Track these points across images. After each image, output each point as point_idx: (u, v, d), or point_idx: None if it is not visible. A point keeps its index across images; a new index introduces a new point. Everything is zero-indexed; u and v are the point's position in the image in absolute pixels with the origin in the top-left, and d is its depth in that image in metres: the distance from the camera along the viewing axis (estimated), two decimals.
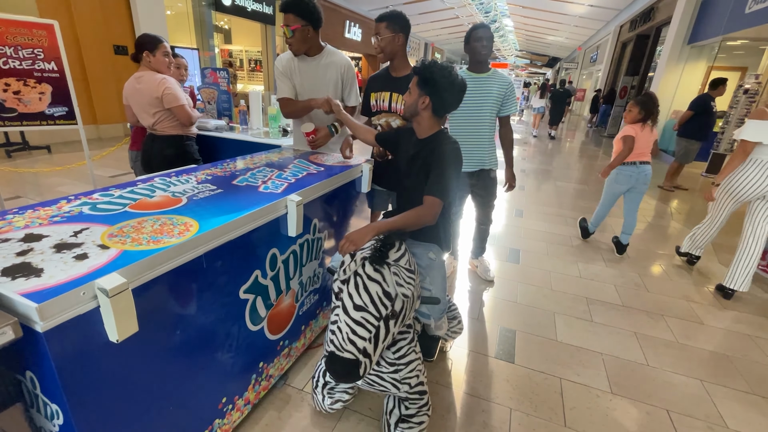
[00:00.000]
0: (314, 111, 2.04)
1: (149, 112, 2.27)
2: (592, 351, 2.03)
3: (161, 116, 2.28)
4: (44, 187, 4.10)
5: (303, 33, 1.86)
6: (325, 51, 2.01)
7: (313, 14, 1.85)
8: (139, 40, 2.23)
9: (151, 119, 2.29)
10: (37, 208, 1.15)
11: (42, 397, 0.85)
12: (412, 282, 1.26)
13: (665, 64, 7.86)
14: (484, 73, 2.28)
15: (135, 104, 2.31)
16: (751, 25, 5.66)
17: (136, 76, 2.26)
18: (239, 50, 13.16)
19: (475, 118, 2.32)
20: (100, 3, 6.25)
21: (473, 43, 2.22)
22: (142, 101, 2.25)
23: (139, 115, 2.33)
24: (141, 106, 2.28)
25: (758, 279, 2.96)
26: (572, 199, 4.84)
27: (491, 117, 2.33)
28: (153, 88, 2.19)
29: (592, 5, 11.84)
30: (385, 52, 1.93)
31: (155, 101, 2.22)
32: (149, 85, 2.20)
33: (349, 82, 2.08)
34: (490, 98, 2.28)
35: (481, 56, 2.23)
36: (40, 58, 2.99)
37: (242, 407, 1.42)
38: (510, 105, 2.32)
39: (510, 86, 2.30)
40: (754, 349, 2.13)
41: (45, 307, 0.72)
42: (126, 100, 2.35)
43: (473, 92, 2.24)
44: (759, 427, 1.63)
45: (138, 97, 2.26)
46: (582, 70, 19.62)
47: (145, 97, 2.23)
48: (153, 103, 2.23)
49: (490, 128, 2.37)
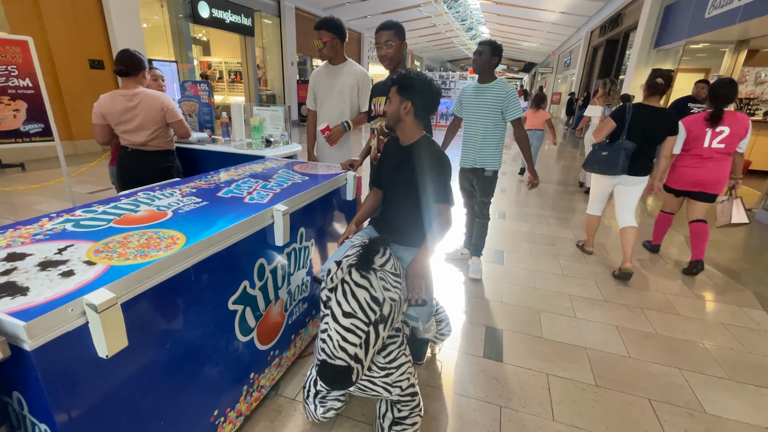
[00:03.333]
0: (329, 112, 2.40)
1: (148, 128, 2.23)
2: (576, 346, 2.10)
3: (158, 132, 2.27)
4: (20, 206, 3.97)
5: (332, 44, 2.31)
6: (347, 62, 2.41)
7: (339, 29, 2.30)
8: (137, 58, 2.18)
9: (146, 136, 2.24)
10: (18, 227, 1.14)
11: (30, 418, 0.84)
12: (398, 286, 1.29)
13: (634, 67, 8.20)
14: (486, 83, 2.55)
15: (126, 122, 2.20)
16: (711, 29, 5.98)
17: (127, 94, 2.17)
18: (218, 62, 13.10)
19: (475, 121, 2.61)
20: (74, 17, 6.15)
21: (473, 57, 2.57)
22: (141, 118, 2.19)
23: (134, 132, 2.23)
24: (138, 124, 2.21)
25: (724, 269, 3.10)
26: (552, 200, 4.97)
27: (491, 122, 2.56)
28: (156, 104, 2.20)
29: (563, 12, 12.28)
30: (393, 59, 2.03)
31: (158, 118, 2.22)
32: (152, 102, 2.19)
33: (364, 89, 2.38)
34: (488, 105, 2.53)
35: (476, 68, 2.56)
36: (14, 74, 2.93)
37: (234, 419, 1.41)
38: (512, 110, 2.51)
39: (508, 94, 2.49)
40: (728, 337, 2.23)
41: (33, 325, 0.72)
42: (102, 119, 2.19)
43: (475, 99, 2.59)
44: (735, 411, 1.70)
45: (134, 115, 2.19)
46: (557, 74, 20.21)
47: (149, 114, 2.20)
48: (155, 120, 2.22)
49: (491, 132, 2.58)
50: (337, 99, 2.38)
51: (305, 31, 12.67)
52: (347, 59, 2.43)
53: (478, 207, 2.81)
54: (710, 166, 2.80)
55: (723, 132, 2.72)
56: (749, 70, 8.05)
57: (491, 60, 2.50)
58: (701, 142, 2.78)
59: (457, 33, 19.75)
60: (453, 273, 2.88)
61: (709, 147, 2.76)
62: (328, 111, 2.40)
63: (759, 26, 5.35)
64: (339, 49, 2.35)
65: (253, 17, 10.61)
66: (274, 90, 12.52)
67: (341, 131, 2.36)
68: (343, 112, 2.42)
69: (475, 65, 2.57)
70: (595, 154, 2.88)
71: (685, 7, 6.79)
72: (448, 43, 22.61)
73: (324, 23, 2.28)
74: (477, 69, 2.57)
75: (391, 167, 1.57)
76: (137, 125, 2.22)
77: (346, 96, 2.36)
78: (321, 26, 2.28)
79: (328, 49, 2.32)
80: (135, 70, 2.18)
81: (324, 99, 2.44)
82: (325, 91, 2.43)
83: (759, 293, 2.74)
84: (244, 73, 11.52)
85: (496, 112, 2.53)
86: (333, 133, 2.35)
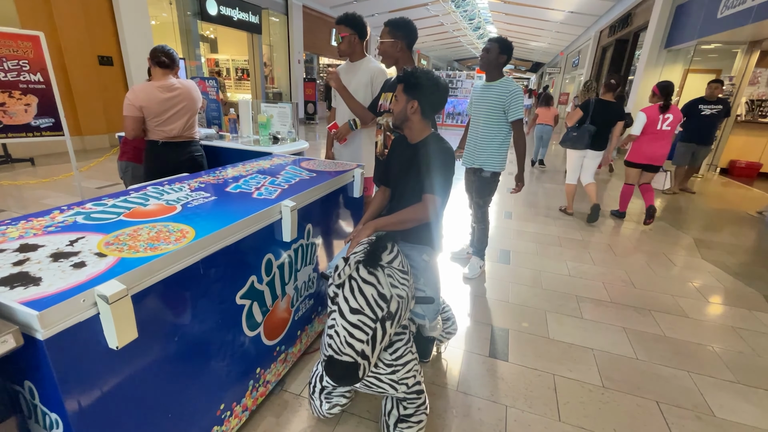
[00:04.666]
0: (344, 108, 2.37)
1: (185, 117, 2.37)
2: (583, 347, 2.08)
3: (192, 121, 2.42)
4: (29, 200, 4.02)
5: (350, 40, 2.27)
6: (365, 59, 2.37)
7: (358, 25, 2.26)
8: (175, 53, 2.34)
9: (182, 125, 2.37)
10: (30, 219, 1.15)
11: (41, 407, 0.85)
12: (406, 283, 1.28)
13: (644, 67, 8.10)
14: (491, 82, 2.51)
15: (165, 112, 2.28)
16: (723, 29, 5.90)
17: (165, 86, 2.26)
18: (226, 59, 13.14)
19: (477, 120, 2.58)
20: (83, 13, 6.20)
21: (480, 54, 2.57)
22: (184, 106, 2.34)
23: (171, 122, 2.32)
24: (178, 111, 2.33)
25: (734, 272, 3.06)
26: (559, 201, 4.94)
27: (493, 121, 2.51)
28: (196, 91, 2.36)
29: (572, 11, 12.17)
30: (385, 55, 2.06)
31: (197, 106, 2.39)
32: (193, 92, 2.37)
33: (378, 85, 2.32)
34: (490, 104, 2.49)
35: (483, 65, 2.53)
36: (25, 69, 2.96)
37: (240, 414, 1.42)
38: (514, 111, 2.44)
39: (510, 94, 2.42)
40: (738, 340, 2.20)
41: (46, 314, 0.73)
42: (139, 111, 2.21)
43: (481, 97, 2.56)
44: (744, 415, 1.68)
45: (175, 103, 2.31)
46: (564, 74, 20.05)
47: (191, 102, 2.38)
48: (194, 108, 2.39)
49: (493, 132, 2.53)
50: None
51: (312, 29, 12.67)
52: (366, 56, 2.40)
53: (473, 210, 2.76)
54: (659, 144, 3.86)
55: (669, 118, 3.76)
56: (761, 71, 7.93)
57: (498, 58, 2.45)
58: (656, 126, 3.80)
59: (465, 32, 19.65)
60: (459, 272, 2.87)
61: (660, 129, 3.79)
62: (344, 107, 2.39)
63: None
64: (357, 45, 2.30)
65: (261, 15, 10.62)
66: (280, 88, 12.55)
67: (347, 130, 2.35)
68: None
69: (481, 62, 2.54)
70: (567, 134, 3.95)
71: (698, 7, 6.70)
72: (455, 42, 22.50)
73: (343, 19, 2.26)
74: (483, 66, 2.52)
75: (399, 165, 1.57)
76: (177, 114, 2.33)
77: (360, 93, 2.33)
78: (340, 21, 2.26)
79: (345, 45, 2.29)
80: (174, 64, 2.33)
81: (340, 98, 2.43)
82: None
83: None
84: (251, 71, 11.55)
85: (499, 111, 2.47)
86: (339, 132, 2.35)
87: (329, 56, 14.62)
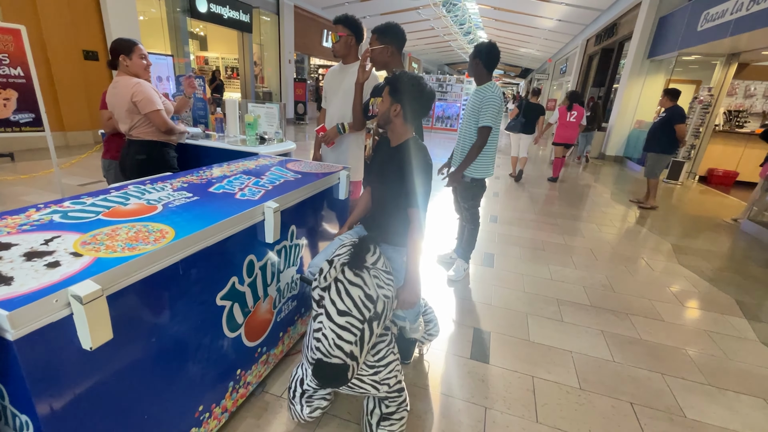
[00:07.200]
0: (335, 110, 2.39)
1: (127, 116, 2.23)
2: (562, 349, 2.12)
3: (139, 121, 2.25)
4: (7, 197, 3.91)
5: (347, 41, 2.27)
6: (358, 62, 2.33)
7: (356, 28, 2.27)
8: (113, 45, 2.20)
9: (127, 124, 2.25)
10: (5, 217, 1.13)
11: (11, 408, 0.83)
12: (390, 283, 1.30)
13: (628, 76, 8.31)
14: (478, 86, 2.56)
15: (114, 110, 2.26)
16: (703, 41, 6.09)
17: (114, 82, 2.22)
18: (215, 57, 13.01)
19: (463, 124, 2.65)
20: (68, 7, 6.07)
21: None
22: (119, 106, 2.21)
23: (120, 120, 2.28)
24: (119, 112, 2.24)
25: (708, 277, 3.15)
26: (544, 205, 5.02)
27: (472, 126, 2.54)
28: (127, 92, 2.16)
29: (560, 20, 12.40)
30: (376, 61, 2.10)
31: (131, 106, 2.18)
32: (125, 90, 2.17)
33: (368, 90, 2.31)
34: (470, 109, 2.56)
35: (468, 71, 2.63)
36: (5, 63, 2.89)
37: (219, 415, 1.41)
38: (483, 117, 2.46)
39: (484, 100, 2.45)
40: (710, 344, 2.28)
41: (16, 315, 0.72)
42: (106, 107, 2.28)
43: (468, 103, 2.65)
44: (713, 416, 1.74)
45: (115, 102, 2.22)
46: (552, 81, 20.39)
47: (123, 102, 2.19)
48: (130, 108, 2.20)
49: (473, 137, 2.55)
50: (342, 98, 2.36)
51: (304, 30, 12.63)
52: (359, 59, 2.41)
53: (461, 212, 2.85)
54: (569, 130, 6.20)
55: (574, 114, 6.14)
56: (739, 83, 8.21)
57: (474, 62, 2.51)
58: (565, 118, 6.17)
59: (455, 37, 19.84)
60: (442, 275, 2.90)
61: (567, 120, 6.16)
62: (334, 110, 2.40)
63: (749, 40, 5.46)
64: (353, 47, 2.32)
65: (252, 14, 10.55)
66: (270, 87, 12.47)
67: (335, 133, 2.35)
68: (346, 112, 2.38)
69: (468, 68, 2.63)
70: (509, 123, 6.16)
71: (679, 20, 6.91)
72: (446, 47, 22.69)
73: (342, 19, 2.28)
74: (469, 72, 2.62)
75: (379, 166, 1.59)
76: (119, 113, 2.25)
77: (350, 96, 2.33)
78: (339, 21, 2.27)
79: (341, 45, 2.29)
80: (114, 58, 2.21)
81: (332, 98, 2.44)
82: (333, 90, 2.43)
83: (741, 301, 2.80)
84: (241, 70, 11.46)
85: (477, 116, 2.50)
86: (327, 135, 2.35)
87: (320, 57, 14.58)
